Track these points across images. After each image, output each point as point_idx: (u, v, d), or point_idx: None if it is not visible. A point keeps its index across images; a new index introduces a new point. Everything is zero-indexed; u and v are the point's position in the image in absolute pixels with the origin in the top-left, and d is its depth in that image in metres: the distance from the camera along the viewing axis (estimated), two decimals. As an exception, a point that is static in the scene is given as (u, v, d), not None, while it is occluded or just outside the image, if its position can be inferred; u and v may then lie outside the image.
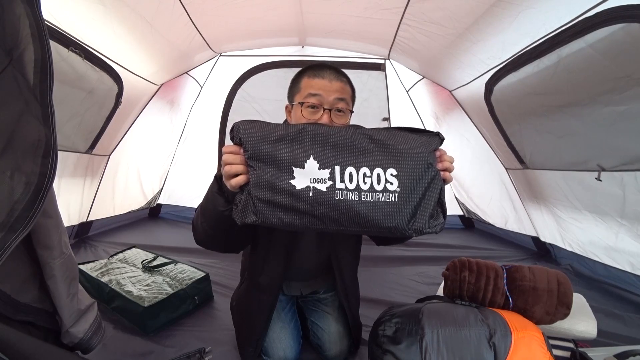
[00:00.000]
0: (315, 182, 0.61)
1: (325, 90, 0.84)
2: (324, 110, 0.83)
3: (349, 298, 1.11)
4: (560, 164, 1.82)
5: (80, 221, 2.40)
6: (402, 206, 0.63)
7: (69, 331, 0.75)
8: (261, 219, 0.62)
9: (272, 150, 0.62)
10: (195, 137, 3.13)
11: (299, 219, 0.62)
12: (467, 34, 1.81)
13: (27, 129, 0.58)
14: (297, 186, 0.61)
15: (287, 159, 0.62)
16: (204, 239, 0.86)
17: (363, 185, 0.62)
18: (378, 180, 0.62)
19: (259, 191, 0.61)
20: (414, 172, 0.64)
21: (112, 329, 1.34)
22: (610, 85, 1.30)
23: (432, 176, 0.67)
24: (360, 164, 0.63)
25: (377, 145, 0.65)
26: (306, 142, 0.63)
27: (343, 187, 0.61)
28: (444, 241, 2.69)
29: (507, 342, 0.84)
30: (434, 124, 2.95)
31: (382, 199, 0.62)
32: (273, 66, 2.89)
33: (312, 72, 0.87)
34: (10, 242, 0.55)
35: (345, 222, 0.62)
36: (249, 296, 1.10)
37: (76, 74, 1.73)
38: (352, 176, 0.62)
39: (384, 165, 0.63)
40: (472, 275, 1.06)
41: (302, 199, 0.61)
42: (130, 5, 1.67)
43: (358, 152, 0.64)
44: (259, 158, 0.62)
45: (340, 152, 0.63)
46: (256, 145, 0.62)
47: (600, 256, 1.84)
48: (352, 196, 0.61)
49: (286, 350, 1.09)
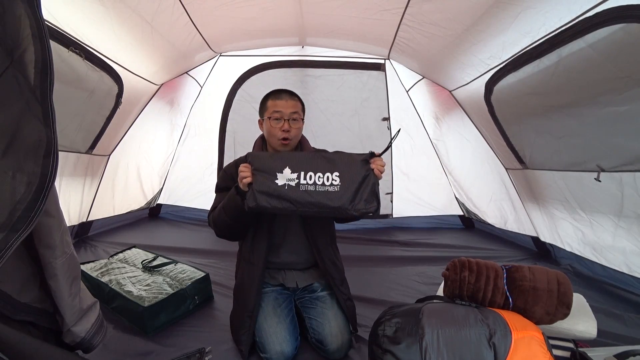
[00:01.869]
0: (289, 180, 1.02)
1: (284, 107, 1.23)
2: (285, 120, 1.21)
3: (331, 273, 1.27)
4: (559, 164, 1.83)
5: (80, 221, 2.40)
6: (343, 194, 1.01)
7: (70, 330, 0.75)
8: (258, 202, 1.01)
9: (266, 165, 1.04)
10: (195, 137, 3.13)
11: (281, 203, 1.02)
12: (466, 35, 1.81)
13: (28, 129, 0.58)
14: (279, 183, 1.02)
15: (273, 169, 1.03)
16: (224, 229, 1.20)
17: (318, 182, 1.02)
18: (327, 179, 1.02)
19: (258, 186, 1.02)
20: (351, 173, 1.02)
21: (112, 329, 1.34)
22: (610, 86, 1.31)
23: (365, 175, 1.03)
24: (316, 171, 1.02)
25: (328, 161, 1.04)
26: (285, 161, 1.04)
27: (305, 183, 1.01)
28: (444, 241, 2.69)
29: (507, 342, 0.84)
30: (434, 124, 2.96)
31: (329, 190, 1.01)
32: (273, 66, 2.89)
33: (274, 96, 1.27)
34: (12, 242, 0.55)
35: (307, 205, 1.01)
36: (242, 272, 1.28)
37: (76, 74, 1.73)
38: (311, 177, 1.02)
39: (331, 171, 1.02)
40: (472, 275, 1.06)
41: (281, 190, 1.01)
42: (130, 5, 1.67)
43: (315, 165, 1.03)
44: (258, 169, 1.04)
45: (304, 165, 1.03)
46: (258, 164, 1.05)
47: (597, 257, 1.84)
48: (310, 188, 1.01)
49: (283, 344, 1.11)
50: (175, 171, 3.22)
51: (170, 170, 3.22)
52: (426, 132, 3.01)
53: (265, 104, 1.27)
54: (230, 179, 1.26)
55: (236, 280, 1.33)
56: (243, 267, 1.28)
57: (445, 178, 3.10)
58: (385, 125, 2.97)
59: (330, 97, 2.87)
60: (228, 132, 3.04)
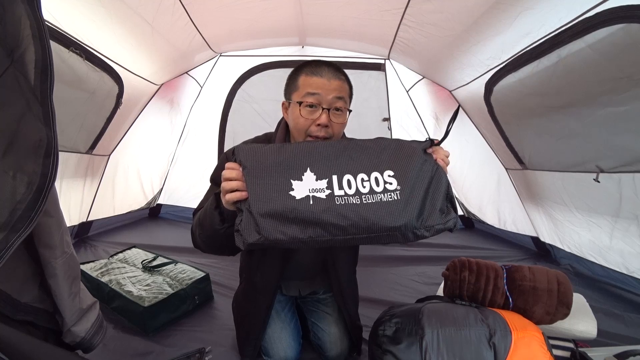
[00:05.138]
0: (314, 191, 0.61)
1: (323, 89, 0.83)
2: (323, 109, 0.83)
3: (345, 299, 1.11)
4: (559, 164, 1.83)
5: (80, 221, 2.40)
6: (407, 202, 0.62)
7: (70, 330, 0.75)
8: (264, 235, 0.59)
9: (270, 165, 0.63)
10: (195, 137, 3.13)
11: (303, 231, 0.60)
12: (466, 35, 1.81)
13: (29, 129, 0.58)
14: (297, 196, 0.60)
15: (285, 172, 0.62)
16: (201, 246, 0.87)
17: (362, 189, 0.62)
18: (377, 182, 0.62)
19: (259, 205, 0.60)
20: (412, 169, 0.64)
21: (112, 329, 1.34)
22: (609, 86, 1.30)
23: (432, 171, 0.67)
24: (357, 171, 0.63)
25: (370, 152, 0.66)
26: (302, 157, 0.64)
27: (342, 194, 0.61)
28: (444, 241, 2.69)
29: (507, 342, 0.84)
30: (434, 124, 2.96)
31: (385, 199, 0.61)
32: (273, 66, 2.89)
33: (309, 70, 0.86)
34: (12, 242, 0.55)
35: (351, 229, 0.60)
36: (247, 296, 1.12)
37: (77, 74, 1.73)
38: (350, 183, 0.62)
39: (381, 168, 0.64)
40: (472, 275, 1.06)
41: (303, 209, 0.60)
42: (130, 5, 1.67)
43: (353, 160, 0.64)
44: (258, 174, 0.62)
45: (335, 162, 0.64)
46: (254, 161, 0.63)
47: (596, 258, 1.84)
48: (353, 200, 0.61)
49: (287, 349, 1.09)
50: (175, 171, 3.22)
51: (170, 170, 3.22)
52: (426, 132, 3.01)
53: (296, 79, 0.88)
54: None
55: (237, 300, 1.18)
56: (248, 293, 1.09)
57: (445, 178, 3.10)
58: (386, 125, 2.97)
59: (331, 97, 2.86)
60: (228, 132, 3.04)
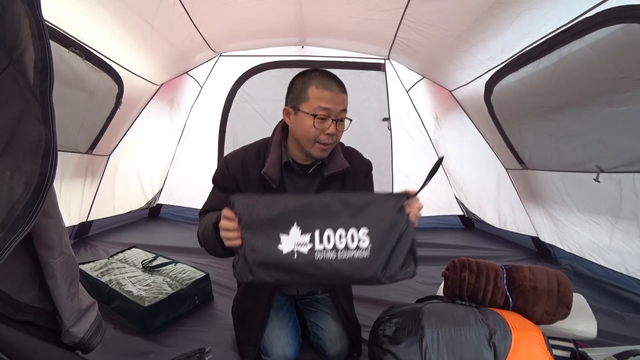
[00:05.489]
0: (299, 245, 0.72)
1: (334, 104, 0.93)
2: (332, 121, 0.94)
3: (339, 296, 1.14)
4: (559, 165, 1.82)
5: (80, 221, 2.40)
6: (374, 261, 0.73)
7: (69, 331, 0.75)
8: (257, 278, 0.74)
9: (262, 221, 0.73)
10: (195, 137, 3.13)
11: (288, 276, 0.74)
12: (466, 36, 1.81)
13: (27, 129, 0.58)
14: (284, 251, 0.72)
15: (275, 227, 0.73)
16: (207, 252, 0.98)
17: (339, 244, 0.72)
18: (352, 239, 0.72)
19: (252, 256, 0.73)
20: (385, 229, 0.74)
21: (112, 329, 1.34)
22: (609, 86, 1.30)
23: (402, 229, 0.76)
24: (336, 226, 0.73)
25: (350, 208, 0.75)
26: (292, 213, 0.74)
27: (322, 249, 0.72)
28: (444, 241, 2.69)
29: (507, 342, 0.84)
30: (434, 124, 2.96)
31: (356, 256, 0.72)
32: (273, 66, 2.89)
33: (320, 83, 0.94)
34: (10, 242, 0.55)
35: (325, 278, 0.74)
36: (246, 296, 1.15)
37: (77, 74, 1.73)
38: (329, 237, 0.72)
39: (358, 225, 0.73)
40: (472, 275, 1.06)
41: (288, 261, 0.72)
42: (130, 5, 1.67)
43: (334, 215, 0.74)
44: (251, 228, 0.73)
45: (320, 217, 0.74)
46: (249, 217, 0.73)
47: (596, 258, 1.84)
48: (330, 255, 0.72)
49: (285, 348, 1.10)
50: (175, 171, 3.22)
51: (170, 170, 3.22)
52: (426, 132, 3.01)
53: (306, 91, 0.94)
54: (232, 182, 1.04)
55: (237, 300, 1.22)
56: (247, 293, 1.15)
57: (446, 178, 3.09)
58: (386, 125, 2.97)
59: (331, 97, 2.87)
60: (228, 132, 3.04)
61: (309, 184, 1.07)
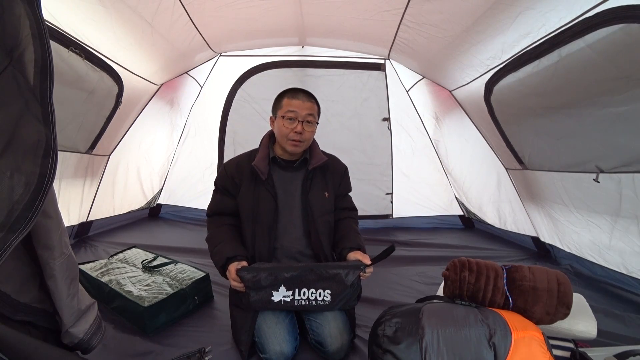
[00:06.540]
0: (284, 297, 1.10)
1: (299, 108, 1.19)
2: (298, 121, 1.19)
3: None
4: (558, 165, 1.82)
5: (80, 221, 2.40)
6: (333, 306, 1.13)
7: (69, 331, 0.75)
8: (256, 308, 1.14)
9: (262, 286, 1.10)
10: (195, 137, 3.13)
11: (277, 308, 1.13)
12: (466, 36, 1.81)
13: (27, 129, 0.58)
14: (274, 300, 1.10)
15: (269, 288, 1.10)
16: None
17: (311, 297, 1.11)
18: (319, 295, 1.11)
19: (255, 303, 1.11)
20: (341, 290, 1.11)
21: (112, 329, 1.34)
22: (609, 86, 1.30)
23: (353, 291, 1.13)
24: (310, 287, 1.11)
25: (321, 278, 1.11)
26: (282, 280, 1.10)
27: (299, 299, 1.11)
28: (444, 241, 2.69)
29: (507, 342, 0.84)
30: (434, 124, 2.96)
31: (321, 303, 1.11)
32: (273, 66, 2.89)
33: (290, 95, 1.22)
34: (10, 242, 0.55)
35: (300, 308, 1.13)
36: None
37: (76, 74, 1.73)
38: (304, 293, 1.11)
39: (324, 287, 1.11)
40: (472, 275, 1.06)
41: (277, 304, 1.11)
42: (130, 5, 1.67)
43: (310, 282, 1.11)
44: (254, 289, 1.10)
45: (300, 282, 1.11)
46: (253, 285, 1.10)
47: (596, 258, 1.84)
48: (304, 302, 1.11)
49: (282, 344, 1.11)
50: (175, 171, 3.22)
51: (170, 170, 3.22)
52: (426, 132, 3.01)
53: (281, 101, 1.23)
54: (230, 181, 1.25)
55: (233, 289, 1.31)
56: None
57: (446, 178, 3.09)
58: (386, 125, 2.97)
59: (331, 97, 2.86)
60: (228, 132, 3.04)
61: (293, 177, 1.29)
